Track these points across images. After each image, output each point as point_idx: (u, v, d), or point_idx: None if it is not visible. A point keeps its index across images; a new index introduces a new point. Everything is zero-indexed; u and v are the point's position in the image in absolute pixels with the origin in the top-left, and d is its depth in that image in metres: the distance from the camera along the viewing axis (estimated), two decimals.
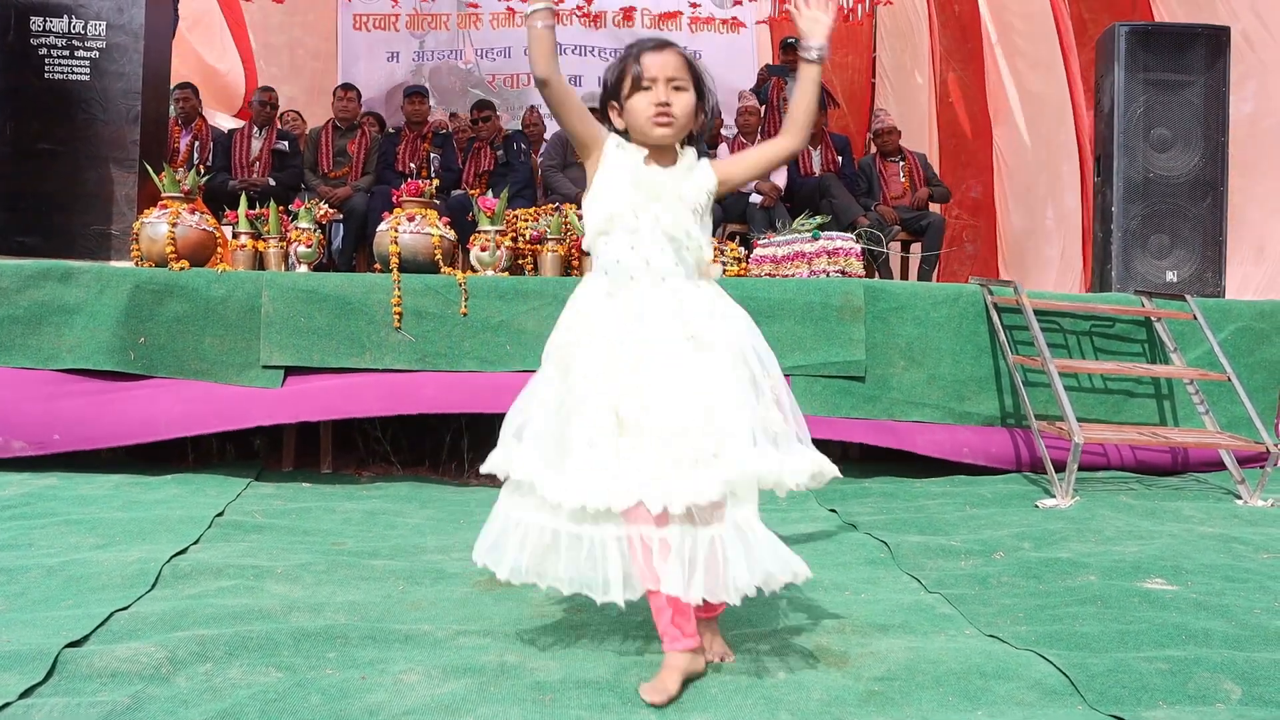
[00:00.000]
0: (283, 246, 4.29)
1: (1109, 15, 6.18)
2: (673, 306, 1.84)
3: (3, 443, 3.65)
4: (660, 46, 1.91)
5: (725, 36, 8.98)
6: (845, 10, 8.99)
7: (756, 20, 9.02)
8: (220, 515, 3.05)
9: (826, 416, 3.91)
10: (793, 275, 4.37)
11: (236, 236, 4.27)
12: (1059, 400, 3.59)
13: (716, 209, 6.89)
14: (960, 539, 2.92)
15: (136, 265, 3.99)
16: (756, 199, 6.44)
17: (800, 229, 4.51)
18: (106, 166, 4.69)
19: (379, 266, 4.16)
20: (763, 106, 7.32)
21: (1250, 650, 1.97)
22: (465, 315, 3.87)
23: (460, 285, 3.88)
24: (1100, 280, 4.90)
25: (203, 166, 6.10)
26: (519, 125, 7.81)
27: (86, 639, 1.93)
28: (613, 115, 1.96)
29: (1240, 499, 3.56)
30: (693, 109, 1.92)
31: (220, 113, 7.99)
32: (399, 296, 3.85)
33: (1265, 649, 1.99)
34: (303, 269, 4.26)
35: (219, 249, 4.11)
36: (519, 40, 9.04)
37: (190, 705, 1.66)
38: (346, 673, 1.82)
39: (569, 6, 8.90)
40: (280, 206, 4.45)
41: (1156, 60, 4.80)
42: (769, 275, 4.45)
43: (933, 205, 6.89)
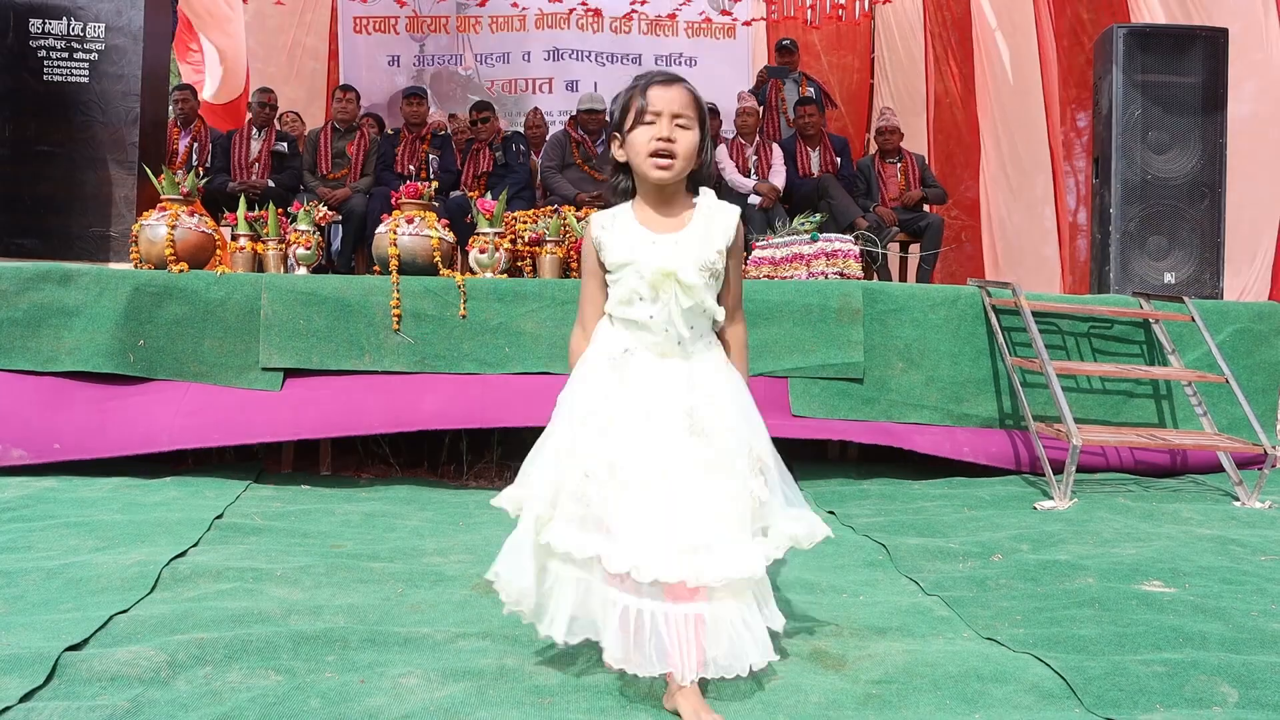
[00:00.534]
0: (282, 249, 4.30)
1: (1109, 15, 6.20)
2: (678, 381, 1.83)
3: (1, 450, 3.63)
4: (669, 81, 1.86)
5: (721, 41, 8.98)
6: (837, 9, 9.01)
7: (743, 21, 9.02)
8: (219, 517, 3.06)
9: (825, 419, 3.91)
10: (791, 277, 4.38)
11: (235, 239, 4.27)
12: (1057, 403, 3.59)
13: None
14: (958, 541, 2.93)
15: (136, 267, 4.00)
16: (755, 200, 6.45)
17: (798, 230, 4.51)
18: (105, 168, 4.70)
19: (378, 268, 4.16)
20: (761, 108, 7.33)
21: (1247, 653, 1.98)
22: (464, 317, 3.88)
23: (459, 287, 3.88)
24: (1098, 282, 4.90)
25: (201, 169, 6.10)
26: (517, 128, 7.82)
27: (86, 642, 1.93)
28: (614, 147, 1.91)
29: (1238, 501, 3.56)
30: (695, 148, 1.86)
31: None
32: (398, 298, 3.85)
33: (1262, 652, 1.99)
34: (302, 271, 4.26)
35: (218, 251, 4.12)
36: (518, 45, 9.05)
37: (190, 709, 1.67)
38: (346, 676, 1.83)
39: (565, 10, 8.90)
40: (279, 209, 4.45)
41: (1154, 62, 4.80)
42: (767, 277, 4.45)
43: (928, 206, 6.90)
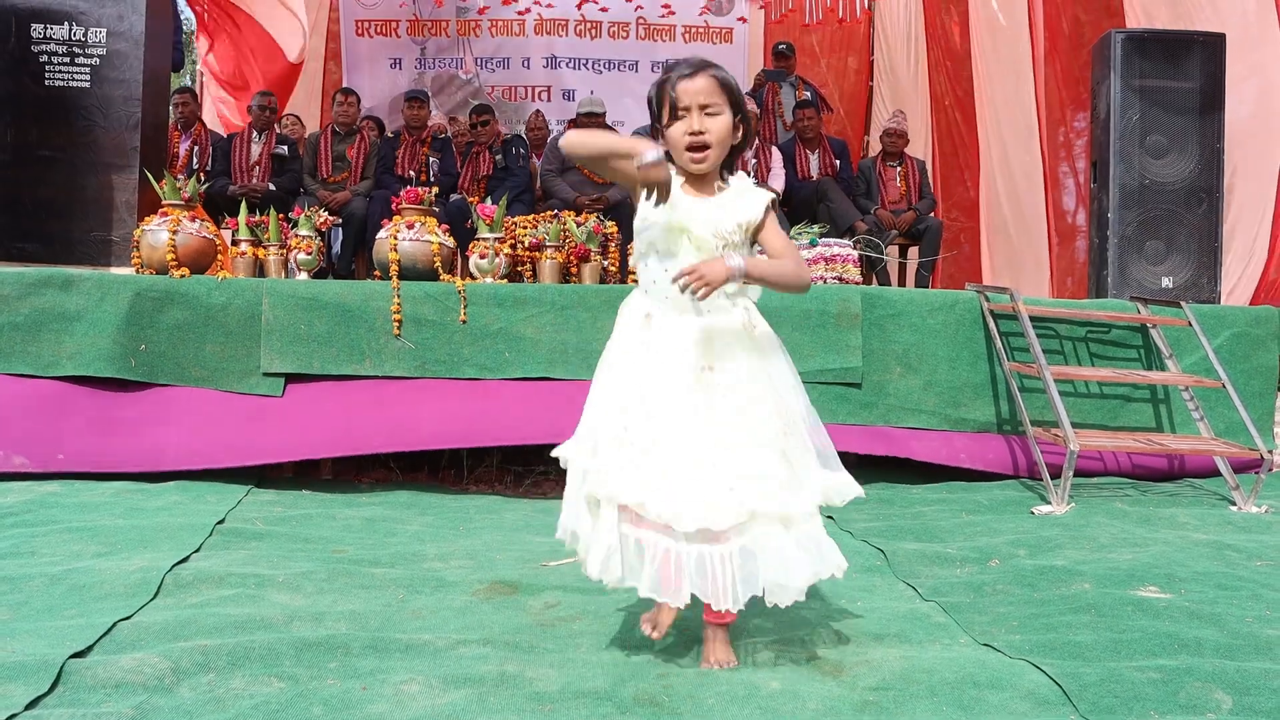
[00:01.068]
0: (283, 254, 4.31)
1: (1109, 19, 6.21)
2: (694, 338, 1.92)
3: (3, 456, 3.64)
4: (694, 72, 1.92)
5: (718, 46, 9.00)
6: (836, 5, 9.03)
7: (739, 17, 9.02)
8: (221, 523, 3.07)
9: (824, 423, 3.92)
10: None
11: (237, 244, 4.29)
12: (1054, 408, 3.61)
13: None
14: (956, 546, 2.95)
15: (137, 272, 4.01)
16: None
17: (797, 238, 4.53)
18: (106, 173, 4.72)
19: (378, 273, 4.18)
20: (758, 111, 7.34)
21: (1242, 659, 1.99)
22: (464, 322, 3.89)
23: (459, 292, 3.90)
24: (1096, 286, 4.92)
25: (203, 173, 6.12)
26: (517, 132, 7.84)
27: (90, 649, 1.95)
28: (655, 136, 1.99)
29: (1235, 505, 3.58)
30: (729, 130, 1.95)
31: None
32: (398, 304, 3.87)
33: (1257, 658, 2.01)
34: (303, 276, 4.28)
35: (219, 256, 4.14)
36: (518, 50, 9.06)
37: (194, 716, 1.68)
38: (348, 683, 1.84)
39: (561, 16, 8.92)
40: (280, 214, 4.46)
41: (1152, 67, 4.82)
42: None
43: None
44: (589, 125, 6.72)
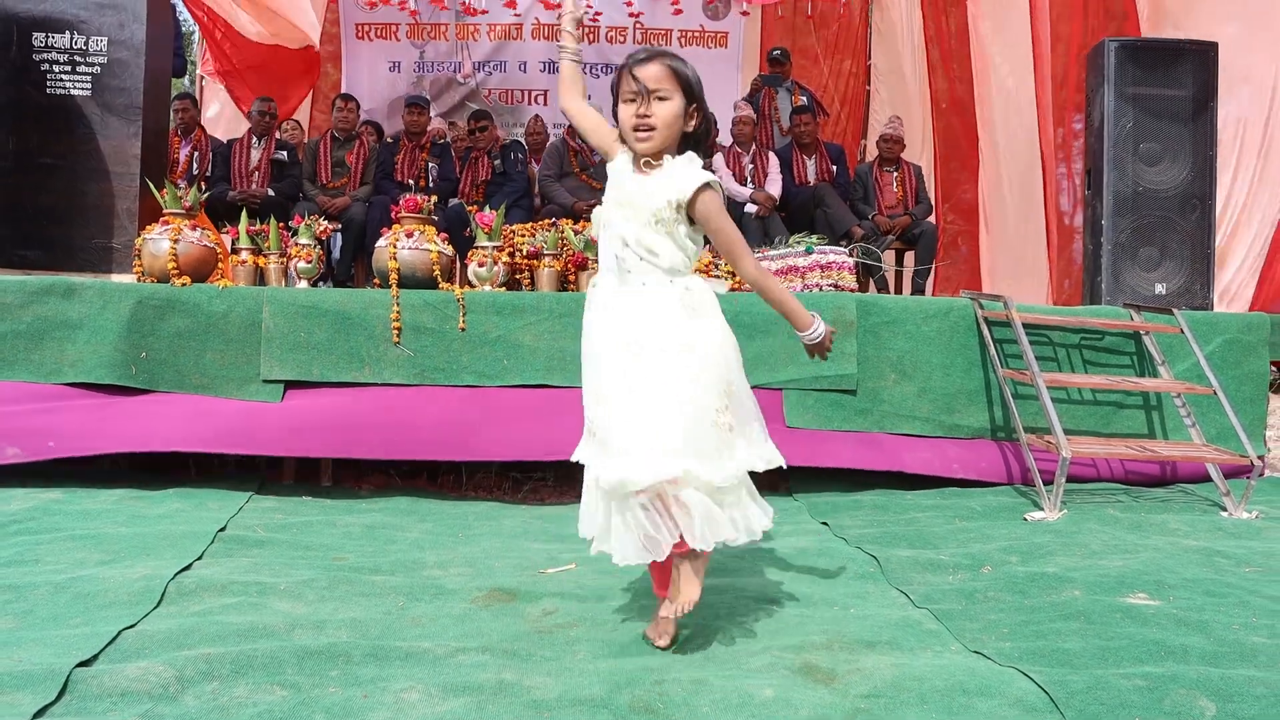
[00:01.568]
0: (283, 262, 4.34)
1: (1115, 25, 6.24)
2: (619, 313, 2.10)
3: None
4: (648, 59, 2.06)
5: (713, 50, 9.05)
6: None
7: (741, 11, 9.06)
8: (223, 530, 3.10)
9: (819, 429, 3.97)
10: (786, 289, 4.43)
11: (237, 252, 4.32)
12: (1047, 415, 3.64)
13: None
14: (949, 553, 2.98)
15: (139, 280, 4.04)
16: (752, 209, 6.50)
17: (794, 246, 4.57)
18: (107, 180, 4.74)
19: (378, 281, 4.21)
20: (754, 116, 7.38)
21: (1226, 667, 2.03)
22: (463, 330, 3.93)
23: (458, 300, 3.93)
24: (1090, 292, 4.96)
25: (204, 182, 6.15)
26: (516, 137, 7.88)
27: (96, 658, 1.98)
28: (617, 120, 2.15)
29: (1225, 511, 3.62)
30: (676, 116, 2.07)
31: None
32: (398, 311, 3.90)
33: (1241, 665, 2.05)
34: (302, 284, 4.31)
35: (220, 264, 4.17)
36: (516, 55, 9.09)
37: None
38: (349, 691, 1.88)
39: (557, 19, 8.94)
40: (280, 222, 4.50)
41: (1145, 75, 4.87)
42: None
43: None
44: None
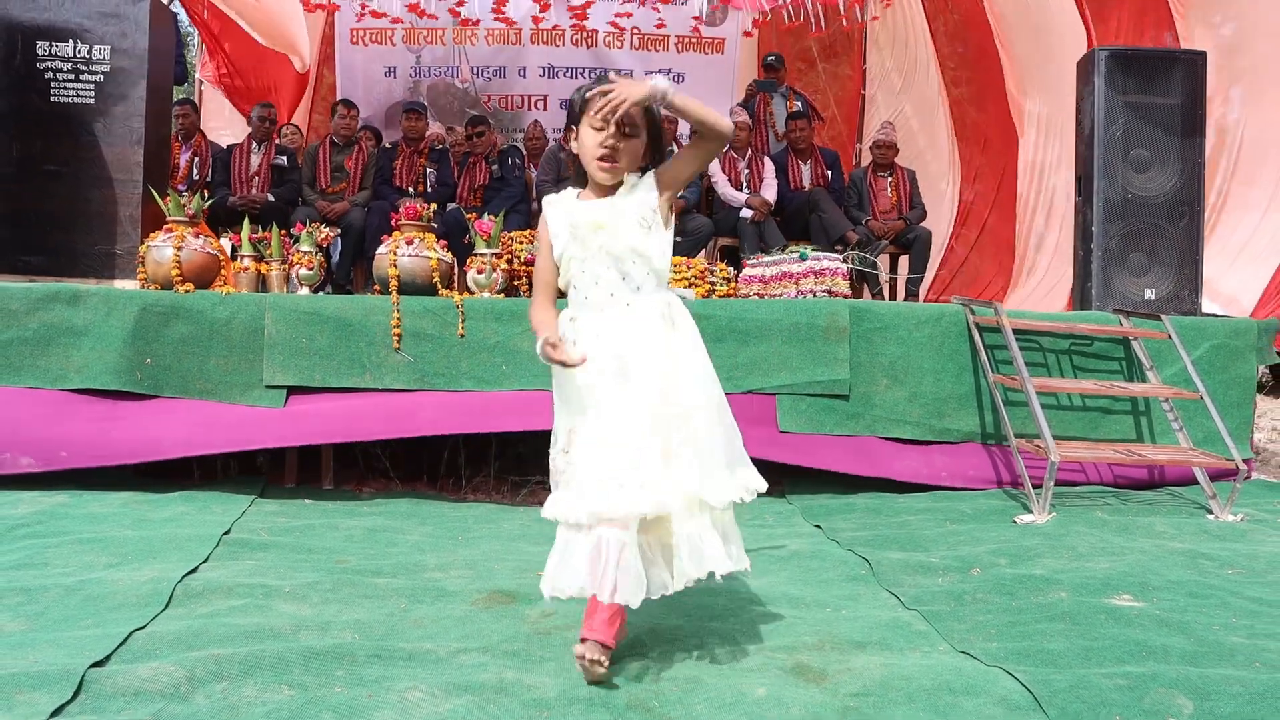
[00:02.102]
0: (284, 269, 4.40)
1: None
2: (613, 330, 2.04)
3: (10, 459, 3.76)
4: None
5: (709, 56, 9.12)
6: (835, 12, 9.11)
7: (744, 31, 9.13)
8: (227, 533, 3.16)
9: (811, 434, 4.03)
10: (780, 295, 4.50)
11: (239, 259, 4.38)
12: (1036, 420, 3.71)
13: (708, 224, 6.92)
14: (939, 555, 3.05)
15: (143, 287, 4.10)
16: (747, 214, 6.57)
17: (788, 256, 4.64)
18: (110, 187, 4.81)
19: (377, 287, 4.27)
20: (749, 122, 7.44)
21: (1205, 666, 2.09)
22: (463, 336, 3.99)
23: (457, 307, 3.99)
24: (1081, 297, 5.03)
25: (206, 191, 6.20)
26: (514, 142, 7.94)
27: (109, 659, 2.04)
28: (570, 135, 2.12)
29: (1211, 514, 3.68)
30: (640, 153, 2.08)
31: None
32: (398, 318, 3.96)
33: (1219, 665, 2.11)
34: (304, 291, 4.37)
35: (223, 271, 4.23)
36: (513, 60, 9.16)
37: None
38: (354, 691, 1.94)
39: (558, 25, 9.02)
40: (282, 230, 4.55)
41: (1135, 83, 4.93)
42: (757, 295, 4.57)
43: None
44: None
